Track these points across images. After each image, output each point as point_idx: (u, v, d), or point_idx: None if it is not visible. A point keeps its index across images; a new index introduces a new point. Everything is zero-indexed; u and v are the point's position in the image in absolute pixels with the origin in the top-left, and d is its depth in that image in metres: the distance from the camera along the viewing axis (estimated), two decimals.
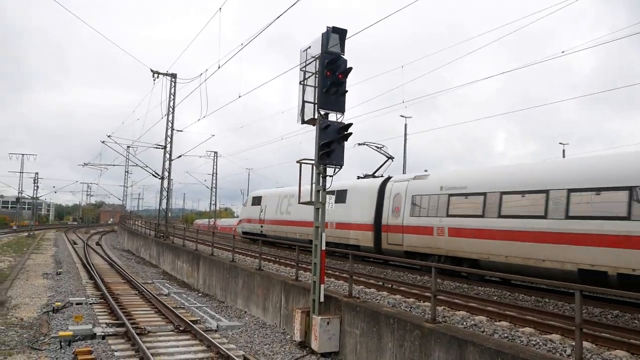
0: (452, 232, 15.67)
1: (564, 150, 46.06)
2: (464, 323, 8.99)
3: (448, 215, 15.91)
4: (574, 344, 6.78)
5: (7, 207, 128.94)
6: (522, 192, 13.70)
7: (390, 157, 22.68)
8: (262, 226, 30.61)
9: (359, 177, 23.05)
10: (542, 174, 13.59)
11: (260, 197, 32.08)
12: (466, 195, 15.47)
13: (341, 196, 21.84)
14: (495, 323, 9.08)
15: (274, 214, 29.12)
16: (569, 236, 12.25)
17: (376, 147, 22.78)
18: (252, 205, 33.08)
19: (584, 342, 6.97)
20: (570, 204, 12.36)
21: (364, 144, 23.09)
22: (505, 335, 8.11)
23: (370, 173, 22.83)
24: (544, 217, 12.92)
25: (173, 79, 31.88)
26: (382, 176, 21.63)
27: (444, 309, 10.25)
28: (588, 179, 12.15)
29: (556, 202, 12.73)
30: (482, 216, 14.68)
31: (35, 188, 63.65)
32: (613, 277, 11.24)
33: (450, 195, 15.99)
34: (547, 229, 12.74)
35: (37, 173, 64.05)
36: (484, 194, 14.79)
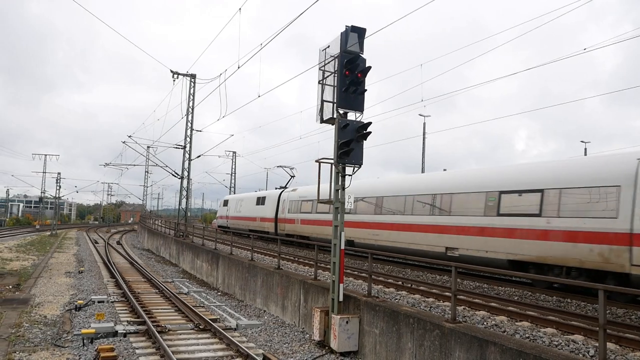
0: (302, 222, 26.28)
1: (585, 149, 45.20)
2: (485, 323, 8.92)
3: (301, 212, 26.56)
4: (597, 344, 6.69)
5: (31, 207, 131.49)
6: (326, 202, 21.34)
7: (293, 176, 35.72)
8: (227, 221, 40.17)
9: (275, 188, 34.16)
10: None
11: (228, 200, 42.20)
12: (307, 200, 26.05)
13: (263, 200, 32.73)
14: (517, 323, 8.98)
15: (233, 212, 39.18)
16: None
17: (288, 168, 35.95)
18: (223, 206, 42.88)
19: (607, 343, 6.86)
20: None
21: (280, 167, 36.72)
22: (527, 335, 8.01)
23: (283, 185, 33.77)
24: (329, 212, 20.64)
25: (192, 80, 32.17)
26: (286, 187, 32.63)
27: (464, 308, 10.18)
28: (369, 191, 20.84)
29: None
30: (311, 212, 24.84)
31: (58, 188, 64.62)
32: (354, 243, 20.31)
33: (302, 200, 26.68)
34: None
35: (59, 173, 64.97)
36: (313, 200, 24.99)
